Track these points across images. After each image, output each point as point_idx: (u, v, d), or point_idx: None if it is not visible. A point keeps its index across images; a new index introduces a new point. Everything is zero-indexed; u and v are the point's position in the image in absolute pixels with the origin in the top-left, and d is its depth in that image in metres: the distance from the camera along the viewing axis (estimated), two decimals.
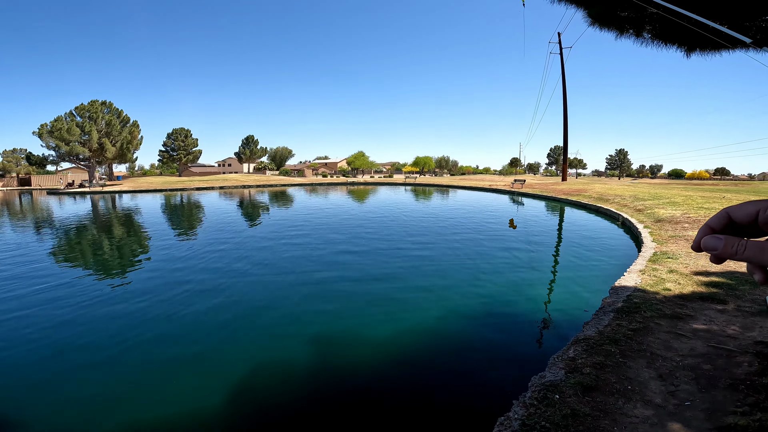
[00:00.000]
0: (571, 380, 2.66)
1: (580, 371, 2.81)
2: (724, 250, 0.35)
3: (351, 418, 3.09)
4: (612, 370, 2.85)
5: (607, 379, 2.71)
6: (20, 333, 4.73)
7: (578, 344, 3.46)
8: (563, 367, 2.91)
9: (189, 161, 65.90)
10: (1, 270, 7.71)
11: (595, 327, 3.87)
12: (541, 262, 8.03)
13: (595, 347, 3.31)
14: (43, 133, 42.51)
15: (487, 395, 3.35)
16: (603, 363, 2.96)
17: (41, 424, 3.09)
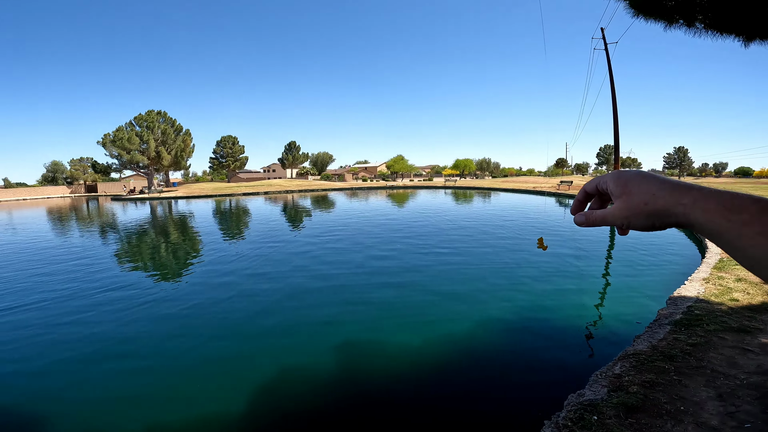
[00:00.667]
0: (614, 399, 2.45)
1: (626, 390, 2.58)
2: (586, 222, 0.53)
3: (374, 428, 3.05)
4: (663, 389, 2.59)
5: (656, 398, 2.46)
6: (81, 332, 5.14)
7: (626, 360, 3.20)
8: (606, 385, 2.69)
9: (237, 167, 69.19)
10: (68, 272, 8.46)
11: (648, 341, 3.57)
12: (590, 268, 7.56)
13: (646, 363, 3.04)
14: (107, 143, 46.34)
15: (516, 413, 3.16)
16: (653, 381, 2.70)
17: (85, 419, 3.32)
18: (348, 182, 64.57)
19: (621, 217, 0.48)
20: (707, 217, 0.41)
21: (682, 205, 0.43)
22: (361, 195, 36.15)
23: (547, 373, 3.76)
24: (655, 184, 0.45)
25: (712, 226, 0.41)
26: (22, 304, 6.18)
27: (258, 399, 3.44)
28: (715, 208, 0.40)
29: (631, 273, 7.10)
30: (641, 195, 0.46)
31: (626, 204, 0.47)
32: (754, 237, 0.38)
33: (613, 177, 0.50)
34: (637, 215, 0.46)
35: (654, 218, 0.45)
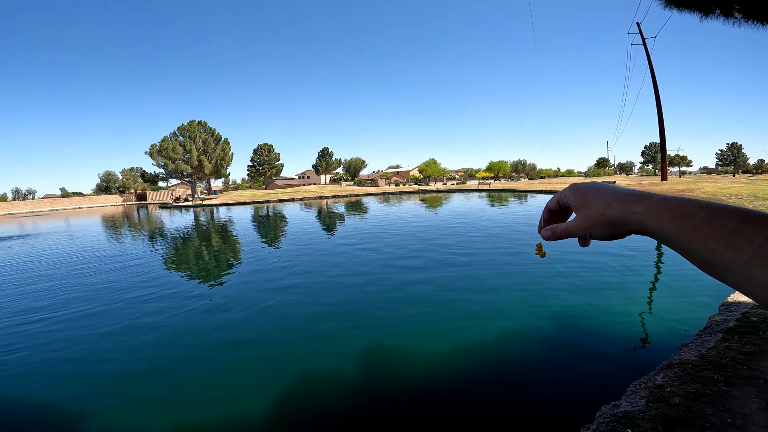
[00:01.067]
0: (652, 411, 2.28)
1: (667, 401, 2.41)
2: (553, 235, 0.56)
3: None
4: (710, 400, 2.39)
5: (700, 411, 2.27)
6: (129, 334, 5.47)
7: (670, 369, 2.99)
8: (645, 396, 2.52)
9: (273, 175, 71.45)
10: (122, 276, 9.05)
11: (696, 349, 3.32)
12: (634, 272, 7.13)
13: (693, 373, 2.83)
14: (153, 153, 49.26)
15: (542, 424, 3.01)
16: (700, 392, 2.50)
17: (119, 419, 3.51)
18: (381, 187, 64.91)
19: (583, 227, 0.50)
20: (659, 225, 0.43)
21: (635, 213, 0.45)
22: (394, 200, 36.22)
23: (580, 383, 3.56)
24: (609, 195, 0.48)
25: (664, 234, 0.42)
26: (84, 308, 6.67)
27: (282, 402, 3.48)
28: (666, 216, 0.42)
29: (679, 278, 6.64)
30: (598, 206, 0.48)
31: (586, 215, 0.50)
32: (705, 241, 0.39)
33: (572, 190, 0.53)
34: (596, 225, 0.48)
35: (612, 227, 0.47)
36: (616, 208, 0.46)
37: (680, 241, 0.41)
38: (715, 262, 0.39)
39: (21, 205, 55.94)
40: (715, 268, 0.40)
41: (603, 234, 0.49)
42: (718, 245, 0.38)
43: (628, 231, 0.47)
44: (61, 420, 3.44)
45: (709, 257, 0.39)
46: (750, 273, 0.37)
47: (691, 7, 3.52)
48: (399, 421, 3.17)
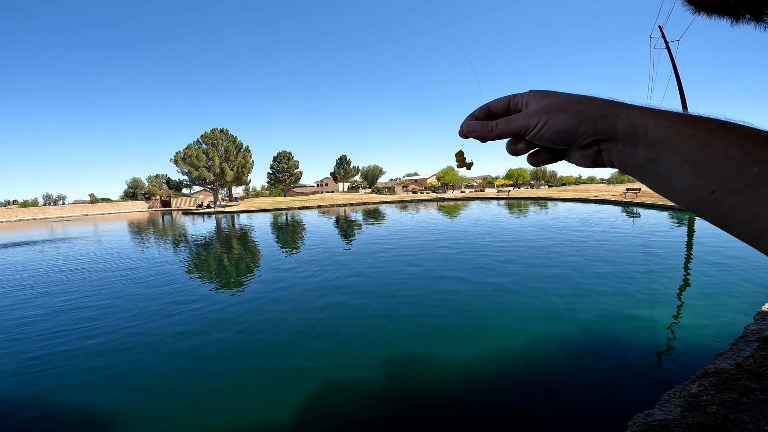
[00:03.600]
0: (688, 420, 2.23)
1: (703, 410, 2.35)
2: (482, 131, 0.43)
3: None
4: (747, 408, 2.33)
5: (738, 419, 2.21)
6: (141, 338, 5.64)
7: (705, 378, 2.91)
8: (680, 405, 2.47)
9: (292, 182, 72.52)
10: (144, 279, 9.35)
11: (732, 359, 3.22)
12: (662, 282, 6.93)
13: (729, 382, 2.75)
14: (178, 160, 50.70)
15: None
16: (737, 401, 2.43)
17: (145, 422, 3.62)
18: (398, 195, 65.01)
19: (539, 113, 0.39)
20: (660, 123, 0.33)
21: (626, 108, 0.35)
22: (411, 207, 36.22)
23: (610, 392, 3.49)
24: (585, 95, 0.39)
25: (664, 135, 0.33)
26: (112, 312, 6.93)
27: (305, 410, 3.50)
28: (672, 115, 0.34)
29: (711, 286, 6.42)
30: (570, 96, 0.39)
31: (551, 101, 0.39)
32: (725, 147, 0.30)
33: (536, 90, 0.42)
34: (563, 111, 0.37)
35: (582, 120, 0.37)
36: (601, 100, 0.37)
37: (687, 146, 0.32)
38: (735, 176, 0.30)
39: (52, 210, 58.38)
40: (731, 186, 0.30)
41: (561, 128, 0.38)
42: (743, 153, 0.30)
43: (605, 129, 0.36)
44: (86, 422, 3.58)
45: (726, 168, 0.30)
46: None
47: (721, 12, 3.47)
48: (424, 427, 3.17)
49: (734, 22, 3.45)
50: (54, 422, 3.50)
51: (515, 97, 0.43)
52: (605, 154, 0.38)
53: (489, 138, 0.43)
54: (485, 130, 0.43)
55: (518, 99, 0.43)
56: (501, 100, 0.44)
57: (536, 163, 0.44)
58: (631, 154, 0.36)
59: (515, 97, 0.43)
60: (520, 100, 0.42)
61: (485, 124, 0.43)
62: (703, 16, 3.56)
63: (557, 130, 0.38)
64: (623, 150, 0.36)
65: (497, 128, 0.42)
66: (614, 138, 0.36)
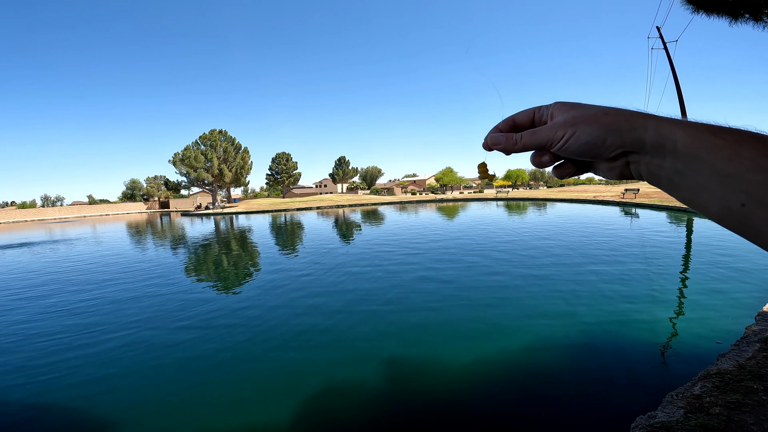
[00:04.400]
0: (691, 421, 2.22)
1: (706, 411, 2.34)
2: (507, 143, 0.42)
3: None
4: (751, 409, 2.31)
5: (741, 420, 2.20)
6: (142, 337, 5.61)
7: (708, 379, 2.90)
8: (683, 406, 2.45)
9: (291, 183, 72.41)
10: (143, 281, 9.31)
11: (734, 359, 3.21)
12: (662, 283, 6.92)
13: (732, 383, 2.74)
14: (177, 161, 50.52)
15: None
16: (740, 402, 2.42)
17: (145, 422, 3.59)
18: (397, 196, 65.02)
19: (564, 126, 0.38)
20: (690, 134, 0.33)
21: (654, 120, 0.35)
22: (410, 208, 36.21)
23: (613, 393, 3.48)
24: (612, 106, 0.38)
25: (693, 147, 0.32)
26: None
27: (305, 411, 3.49)
28: (703, 126, 0.33)
29: (711, 287, 6.42)
30: (596, 108, 0.38)
31: (577, 113, 0.38)
32: (757, 158, 0.30)
33: (562, 102, 0.41)
34: (590, 123, 0.37)
35: (609, 132, 0.36)
36: (628, 111, 0.36)
37: (717, 158, 0.31)
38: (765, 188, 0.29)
39: (50, 211, 58.18)
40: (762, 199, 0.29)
41: (588, 140, 0.37)
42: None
43: (632, 140, 0.35)
44: (86, 420, 3.55)
45: (756, 181, 0.29)
46: None
47: (720, 11, 3.47)
48: (425, 429, 3.15)
49: (733, 22, 3.45)
50: (53, 423, 3.47)
51: (540, 108, 0.42)
52: (633, 166, 0.37)
53: (514, 150, 0.43)
54: (510, 142, 0.42)
55: (543, 111, 0.42)
56: (526, 112, 0.43)
57: (562, 176, 0.44)
58: (660, 165, 0.35)
59: (540, 108, 0.42)
60: (545, 111, 0.42)
61: (510, 137, 0.42)
62: (702, 15, 3.56)
63: (584, 143, 0.37)
64: (651, 162, 0.35)
65: (522, 141, 0.41)
66: (642, 150, 0.35)
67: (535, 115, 0.43)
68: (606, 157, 0.38)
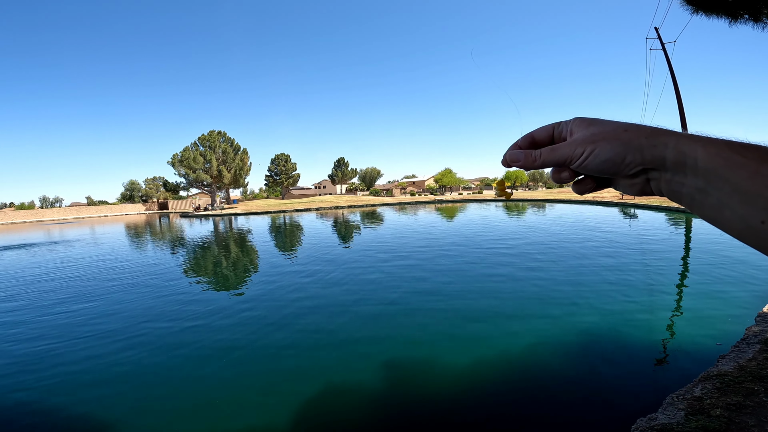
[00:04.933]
0: (692, 423, 2.22)
1: (707, 413, 2.33)
2: (526, 160, 0.42)
3: None
4: (752, 411, 2.31)
5: (742, 422, 2.20)
6: (143, 339, 5.60)
7: (708, 381, 2.90)
8: (684, 408, 2.45)
9: (290, 184, 72.40)
10: (143, 283, 9.29)
11: (735, 361, 3.21)
12: (662, 284, 6.92)
13: (732, 385, 2.73)
14: (175, 163, 50.43)
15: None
16: (741, 404, 2.41)
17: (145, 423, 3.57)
18: (396, 197, 65.04)
19: (584, 143, 0.38)
20: (711, 151, 0.32)
21: (675, 136, 0.35)
22: (410, 209, 36.21)
23: (612, 396, 3.47)
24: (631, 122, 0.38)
25: (714, 164, 0.32)
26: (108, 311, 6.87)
27: (306, 412, 3.47)
28: (722, 143, 0.33)
29: (709, 289, 6.41)
30: (617, 124, 0.38)
31: (597, 130, 0.38)
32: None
33: (581, 118, 0.41)
34: (609, 140, 0.37)
35: (629, 149, 0.36)
36: (648, 128, 0.36)
37: (737, 176, 0.31)
38: None
39: (48, 212, 58.05)
40: None
41: (608, 157, 0.37)
42: None
43: (653, 157, 0.35)
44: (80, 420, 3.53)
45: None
46: None
47: (719, 12, 3.48)
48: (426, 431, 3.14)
49: (732, 22, 3.45)
50: (50, 423, 3.45)
51: (559, 125, 0.42)
52: (653, 183, 0.37)
53: (533, 167, 0.43)
54: (529, 159, 0.42)
55: (562, 127, 0.42)
56: (545, 129, 0.44)
57: (581, 191, 0.43)
58: (681, 183, 0.35)
59: (559, 125, 0.42)
60: (564, 128, 0.42)
61: (529, 154, 0.42)
62: (702, 16, 3.56)
63: (603, 160, 0.37)
64: (672, 179, 0.35)
65: (541, 158, 0.42)
66: (663, 167, 0.35)
67: (554, 132, 0.43)
68: (626, 174, 0.37)
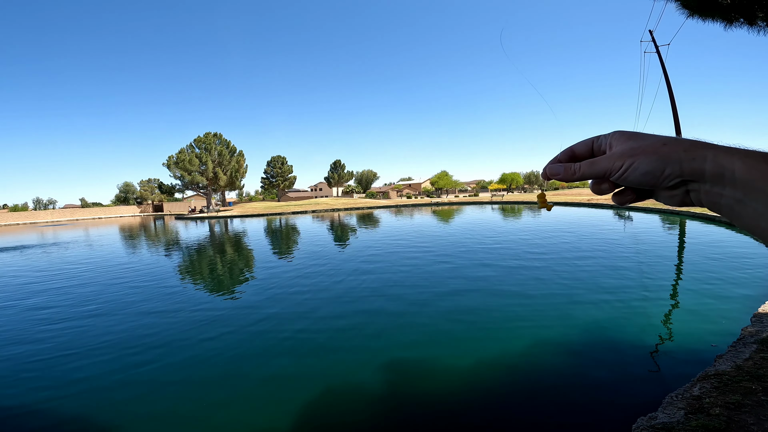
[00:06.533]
0: (692, 422, 2.23)
1: (707, 412, 2.35)
2: (566, 173, 0.44)
3: None
4: (750, 410, 2.33)
5: (742, 421, 2.21)
6: (136, 341, 5.55)
7: (707, 380, 2.92)
8: (683, 407, 2.46)
9: (286, 187, 72.31)
10: (136, 285, 9.22)
11: (732, 361, 3.24)
12: (657, 286, 6.96)
13: (730, 384, 2.76)
14: (171, 165, 50.23)
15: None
16: (739, 402, 2.43)
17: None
18: (392, 199, 65.10)
19: (623, 156, 0.39)
20: (748, 164, 0.33)
21: (713, 149, 0.36)
22: (406, 212, 36.25)
23: (612, 396, 3.48)
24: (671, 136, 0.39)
25: (753, 175, 0.33)
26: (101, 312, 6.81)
27: (303, 417, 3.45)
28: (759, 155, 0.34)
29: (704, 290, 6.47)
30: (656, 138, 0.39)
31: (635, 144, 0.39)
32: None
33: (620, 131, 0.42)
34: (648, 153, 0.38)
35: (668, 162, 0.37)
36: (686, 141, 0.37)
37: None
38: None
39: (42, 214, 57.55)
40: None
41: (647, 170, 0.38)
42: None
43: (691, 170, 0.36)
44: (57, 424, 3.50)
45: None
46: None
47: (715, 16, 3.53)
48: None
49: (728, 26, 3.50)
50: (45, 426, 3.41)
51: (599, 138, 0.44)
52: (693, 195, 0.38)
53: (572, 179, 0.44)
54: (568, 172, 0.44)
55: (602, 140, 0.43)
56: (584, 143, 0.45)
57: (622, 202, 0.45)
58: (719, 194, 0.36)
59: (599, 138, 0.44)
60: (603, 141, 0.43)
61: (568, 167, 0.44)
62: (697, 19, 3.61)
63: (643, 173, 0.38)
64: (711, 190, 0.36)
65: (581, 171, 0.43)
66: (702, 179, 0.36)
67: (593, 145, 0.44)
68: (665, 186, 0.38)
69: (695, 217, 16.99)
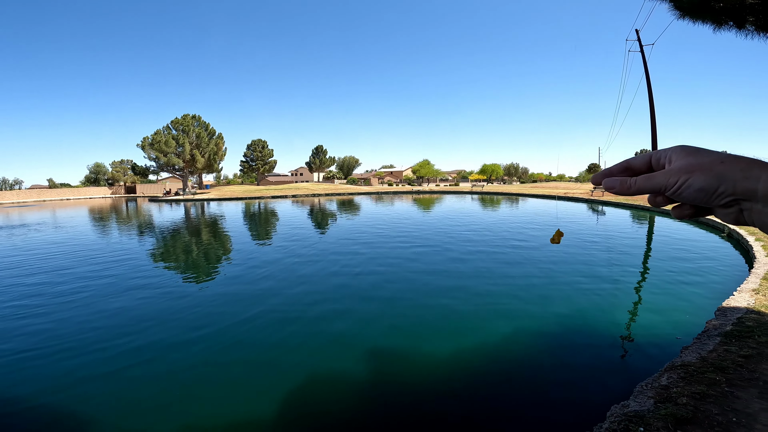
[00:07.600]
0: (662, 411, 2.34)
1: (674, 401, 2.47)
2: (621, 187, 0.45)
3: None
4: (715, 400, 2.46)
5: (707, 410, 2.34)
6: (105, 329, 5.40)
7: (674, 371, 3.06)
8: (653, 396, 2.58)
9: (266, 171, 70.96)
10: (105, 269, 8.93)
11: (697, 352, 3.40)
12: (627, 280, 7.24)
13: (696, 375, 2.90)
14: (145, 146, 48.44)
15: (555, 424, 3.06)
16: (704, 393, 2.57)
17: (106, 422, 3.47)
18: (374, 186, 64.96)
19: (679, 172, 0.40)
20: None
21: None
22: (387, 199, 36.26)
23: (586, 384, 3.63)
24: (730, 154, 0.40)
25: None
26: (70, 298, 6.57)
27: (286, 406, 3.44)
28: None
29: (671, 285, 6.76)
30: (714, 155, 0.39)
31: (693, 160, 0.40)
32: None
33: (681, 146, 0.42)
34: (704, 171, 0.38)
35: (723, 180, 0.37)
36: (744, 159, 0.38)
37: None
38: None
39: (7, 195, 54.61)
40: None
41: (703, 186, 0.38)
42: None
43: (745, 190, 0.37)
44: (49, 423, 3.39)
45: None
46: None
47: (705, 18, 3.60)
48: (406, 422, 3.19)
49: (717, 29, 3.59)
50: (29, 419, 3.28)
51: (658, 153, 0.44)
52: (746, 213, 0.39)
53: (627, 193, 0.45)
54: (624, 186, 0.45)
55: (661, 154, 0.44)
56: (642, 157, 0.46)
57: (680, 216, 0.45)
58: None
59: (658, 153, 0.44)
60: (663, 155, 0.43)
61: (624, 181, 0.45)
62: (688, 21, 3.68)
63: (696, 189, 0.39)
64: (763, 210, 0.37)
65: (636, 185, 0.44)
66: (754, 198, 0.36)
67: (652, 159, 0.45)
68: (718, 205, 0.39)
69: (667, 214, 17.69)
